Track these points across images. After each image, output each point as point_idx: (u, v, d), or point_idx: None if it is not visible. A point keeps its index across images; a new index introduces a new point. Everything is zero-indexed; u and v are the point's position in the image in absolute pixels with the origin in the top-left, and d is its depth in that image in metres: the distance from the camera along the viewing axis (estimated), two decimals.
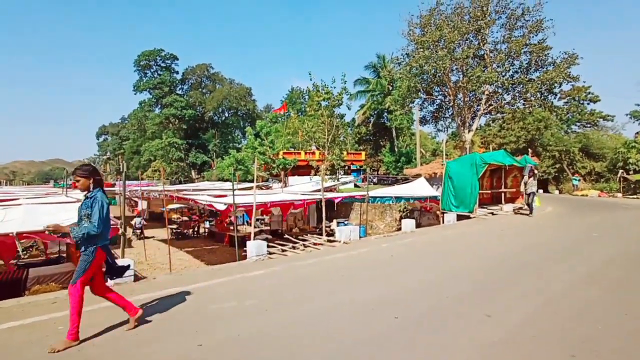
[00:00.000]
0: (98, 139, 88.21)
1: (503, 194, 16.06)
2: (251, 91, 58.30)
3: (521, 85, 21.49)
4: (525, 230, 11.01)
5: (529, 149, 20.76)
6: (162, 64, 53.56)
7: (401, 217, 18.17)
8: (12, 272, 9.28)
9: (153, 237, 19.05)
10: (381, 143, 45.30)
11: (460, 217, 13.62)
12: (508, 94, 22.61)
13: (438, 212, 14.90)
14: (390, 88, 37.09)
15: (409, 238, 10.09)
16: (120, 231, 7.12)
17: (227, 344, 3.56)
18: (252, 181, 28.49)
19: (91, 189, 3.71)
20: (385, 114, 41.17)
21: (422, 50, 20.83)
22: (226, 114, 58.10)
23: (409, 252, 8.39)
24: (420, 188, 16.35)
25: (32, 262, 11.06)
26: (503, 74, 21.28)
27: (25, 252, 12.31)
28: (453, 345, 3.41)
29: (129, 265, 4.35)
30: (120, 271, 4.14)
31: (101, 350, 3.47)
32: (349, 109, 19.41)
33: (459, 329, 3.77)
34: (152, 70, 53.43)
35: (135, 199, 23.43)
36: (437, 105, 25.12)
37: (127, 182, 9.42)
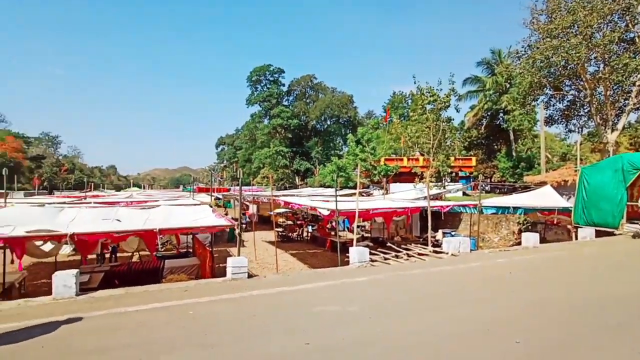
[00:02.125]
0: (217, 149, 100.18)
1: None
2: (352, 99, 59.30)
3: None
4: None
5: None
6: (271, 78, 58.34)
7: (520, 231, 16.06)
8: (153, 262, 11.05)
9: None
10: (495, 147, 41.05)
11: (599, 233, 11.35)
12: None
13: (569, 227, 12.70)
14: (508, 86, 33.44)
15: (532, 254, 8.76)
16: (236, 231, 7.81)
17: (332, 347, 3.52)
18: (352, 188, 28.78)
19: None
20: (501, 114, 37.20)
21: (548, 39, 18.21)
22: (328, 122, 60.16)
23: (531, 270, 7.26)
24: (545, 198, 14.18)
25: (167, 255, 12.98)
26: None
27: (162, 246, 14.43)
28: None
29: None
30: None
31: (222, 338, 3.76)
32: (457, 111, 17.98)
33: None
34: (262, 85, 58.62)
35: (247, 203, 25.75)
36: (568, 101, 21.63)
37: (239, 187, 10.35)
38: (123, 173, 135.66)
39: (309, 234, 21.40)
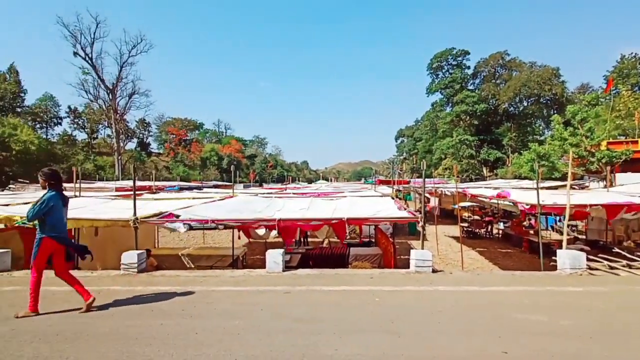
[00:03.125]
0: (396, 141, 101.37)
1: None
2: (558, 72, 48.70)
3: None
4: None
5: None
6: (454, 62, 54.34)
7: None
8: (341, 247, 12.24)
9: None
10: None
11: None
12: None
13: None
14: None
15: None
16: (420, 225, 7.73)
17: (535, 358, 3.06)
18: (558, 179, 23.79)
19: (47, 189, 4.39)
20: None
21: None
22: (525, 103, 51.58)
23: None
24: None
25: (352, 243, 14.12)
26: None
27: (347, 234, 15.78)
28: None
29: (85, 247, 4.76)
30: (82, 252, 4.68)
31: (409, 329, 3.83)
32: None
33: None
34: (443, 71, 55.36)
35: (427, 196, 25.11)
36: None
37: (420, 180, 10.14)
38: (313, 167, 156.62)
39: (500, 231, 19.13)
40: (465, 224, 20.18)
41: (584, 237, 15.62)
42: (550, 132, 37.94)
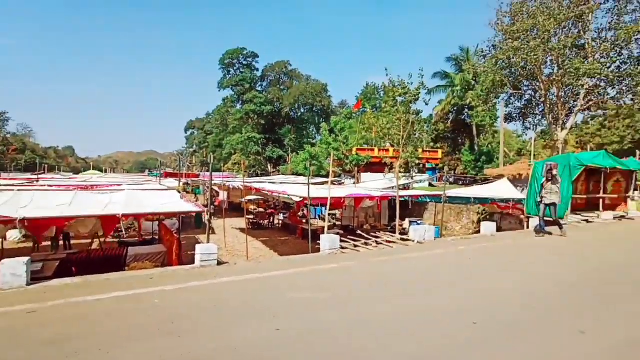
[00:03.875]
0: (186, 133, 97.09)
1: (601, 200, 14.05)
2: (327, 87, 59.14)
3: (630, 78, 18.50)
4: (627, 239, 9.48)
5: (638, 151, 17.80)
6: (244, 62, 56.93)
7: (479, 220, 16.96)
8: (116, 249, 10.71)
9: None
10: (460, 141, 42.70)
11: (547, 223, 12.24)
12: (613, 88, 19.67)
13: (522, 217, 13.58)
14: (474, 83, 34.70)
15: (489, 242, 9.35)
16: (205, 218, 7.75)
17: (303, 331, 3.67)
18: (325, 176, 29.01)
19: None
20: (466, 110, 38.65)
21: (511, 41, 19.07)
22: (302, 110, 59.78)
23: (489, 256, 7.79)
24: (502, 190, 15.05)
25: (130, 242, 12.61)
26: (608, 65, 18.53)
27: (125, 232, 13.93)
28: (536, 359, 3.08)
29: None
30: None
31: (191, 326, 3.82)
32: (426, 104, 18.53)
33: (543, 342, 3.39)
34: (235, 68, 57.10)
35: (217, 190, 25.34)
36: (525, 100, 22.87)
37: (209, 173, 10.21)
38: (82, 155, 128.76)
39: (280, 221, 21.47)
40: (251, 216, 21.56)
41: (340, 223, 19.62)
42: (319, 137, 45.46)
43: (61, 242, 12.10)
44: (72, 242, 12.66)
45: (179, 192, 12.21)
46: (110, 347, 3.26)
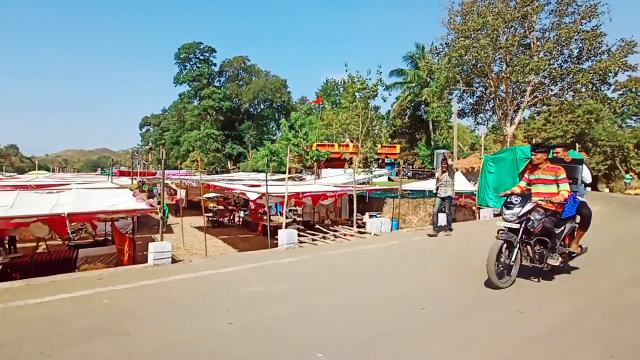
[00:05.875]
0: (141, 130, 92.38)
1: None
2: (286, 83, 58.83)
3: (571, 75, 20.18)
4: None
5: (577, 144, 19.52)
6: (201, 57, 55.17)
7: None
8: (64, 251, 10.06)
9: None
10: (417, 136, 44.27)
11: (498, 214, 13.09)
12: (556, 85, 21.32)
13: (474, 208, 14.40)
14: (429, 80, 36.06)
15: (442, 232, 9.84)
16: (159, 215, 7.50)
17: (256, 324, 3.68)
18: (285, 172, 28.91)
19: None
20: (422, 106, 40.12)
21: (462, 39, 20.04)
22: (262, 106, 59.06)
23: (441, 245, 8.20)
24: (456, 183, 15.85)
25: (82, 244, 11.89)
26: (551, 62, 20.04)
27: (75, 234, 13.19)
28: (482, 339, 3.32)
29: None
30: None
31: (140, 324, 3.70)
32: (384, 100, 19.17)
33: (489, 323, 3.66)
34: (191, 63, 55.20)
35: (174, 188, 24.51)
36: (477, 97, 24.17)
37: (167, 171, 9.87)
38: (27, 154, 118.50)
39: (241, 219, 21.16)
40: (211, 214, 21.06)
41: (301, 219, 19.67)
42: (280, 133, 45.24)
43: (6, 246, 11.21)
44: (18, 245, 11.75)
45: (132, 190, 11.68)
46: (53, 351, 3.09)
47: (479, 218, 13.09)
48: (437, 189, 9.08)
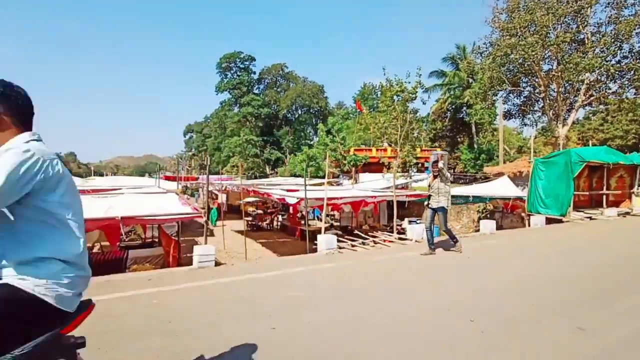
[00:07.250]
0: (185, 137, 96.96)
1: (605, 197, 14.02)
2: (323, 89, 59.27)
3: (632, 72, 18.54)
4: (632, 236, 9.49)
5: None
6: (241, 66, 57.08)
7: (479, 218, 16.96)
8: (116, 252, 10.73)
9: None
10: (459, 139, 42.76)
11: (550, 221, 12.23)
12: (614, 82, 19.69)
13: (523, 215, 13.59)
14: (471, 81, 34.77)
15: (488, 240, 9.34)
16: (203, 220, 7.77)
17: (298, 329, 3.66)
18: (323, 177, 29.03)
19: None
20: (464, 108, 38.71)
21: (508, 37, 19.12)
22: (299, 112, 59.92)
23: (487, 254, 7.78)
24: (502, 187, 15.07)
25: (131, 245, 12.63)
26: (608, 59, 18.57)
27: (126, 236, 14.01)
28: (536, 356, 3.07)
29: None
30: None
31: (187, 325, 3.81)
32: (423, 103, 18.69)
33: (543, 340, 3.39)
34: (232, 72, 57.25)
35: (216, 192, 25.35)
36: (524, 97, 22.91)
37: (209, 176, 10.24)
38: (84, 161, 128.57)
39: (280, 223, 21.47)
40: (250, 218, 21.56)
41: (339, 224, 19.61)
42: (317, 138, 45.55)
43: None
44: None
45: (177, 194, 12.23)
46: (109, 347, 3.25)
47: (529, 225, 12.31)
48: (428, 197, 7.57)
